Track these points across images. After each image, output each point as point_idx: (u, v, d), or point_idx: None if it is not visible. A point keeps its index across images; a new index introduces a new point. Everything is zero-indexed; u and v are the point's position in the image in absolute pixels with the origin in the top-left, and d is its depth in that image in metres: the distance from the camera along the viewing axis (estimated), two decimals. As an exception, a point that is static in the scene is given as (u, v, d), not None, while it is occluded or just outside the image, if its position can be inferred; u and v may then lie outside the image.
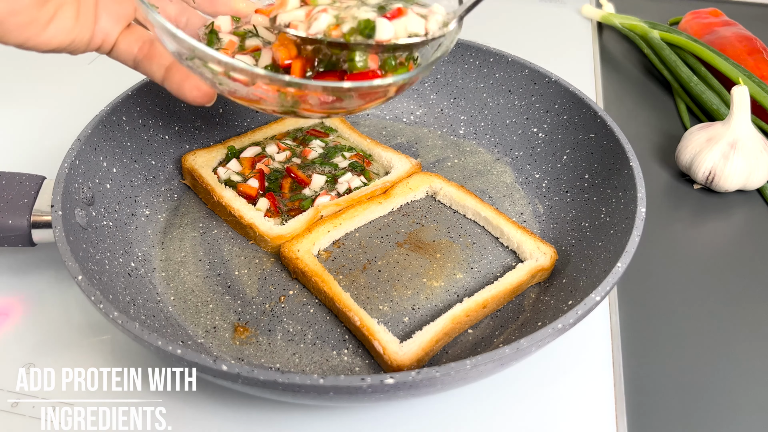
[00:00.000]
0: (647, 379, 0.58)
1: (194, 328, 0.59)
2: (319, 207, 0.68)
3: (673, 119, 0.92)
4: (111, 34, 0.54)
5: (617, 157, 0.66)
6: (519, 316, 0.61)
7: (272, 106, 0.50)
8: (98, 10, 0.53)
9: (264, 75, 0.47)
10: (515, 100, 0.78)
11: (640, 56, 1.05)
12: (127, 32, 0.55)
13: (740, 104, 0.75)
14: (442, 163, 0.78)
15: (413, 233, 0.69)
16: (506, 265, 0.65)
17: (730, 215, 0.77)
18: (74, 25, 0.51)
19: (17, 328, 0.61)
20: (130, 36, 0.55)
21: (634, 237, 0.56)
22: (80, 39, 0.52)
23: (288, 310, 0.61)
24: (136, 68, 0.56)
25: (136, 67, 0.56)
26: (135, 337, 0.48)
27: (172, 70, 0.55)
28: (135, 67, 0.56)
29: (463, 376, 0.47)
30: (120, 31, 0.54)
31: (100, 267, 0.57)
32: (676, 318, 0.64)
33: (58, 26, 0.50)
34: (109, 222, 0.64)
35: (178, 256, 0.66)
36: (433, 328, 0.57)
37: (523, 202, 0.73)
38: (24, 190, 0.61)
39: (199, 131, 0.78)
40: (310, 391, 0.45)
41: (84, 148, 0.64)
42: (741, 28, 0.98)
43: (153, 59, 0.55)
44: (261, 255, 0.67)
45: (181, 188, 0.74)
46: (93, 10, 0.52)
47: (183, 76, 0.55)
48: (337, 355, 0.58)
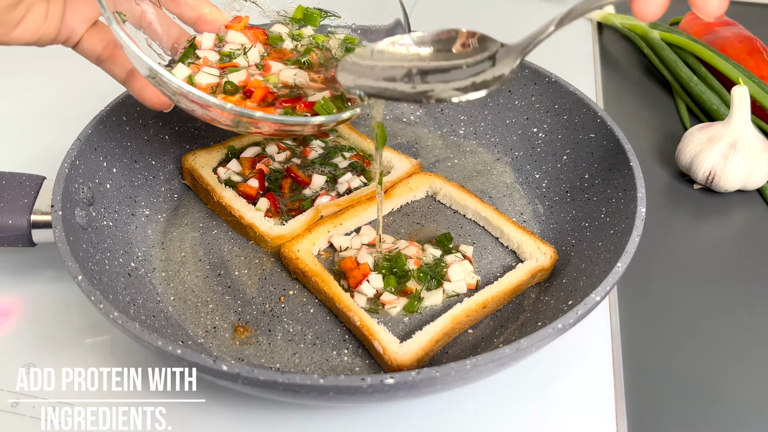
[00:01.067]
0: (647, 379, 0.58)
1: (194, 328, 0.59)
2: (319, 207, 0.68)
3: (673, 119, 0.92)
4: (77, 31, 0.55)
5: (617, 157, 0.66)
6: (519, 316, 0.61)
7: (225, 125, 0.53)
8: (66, 8, 0.54)
9: (216, 104, 0.49)
10: (515, 100, 0.78)
11: (640, 56, 1.05)
12: (92, 31, 0.56)
13: (740, 104, 0.75)
14: (442, 163, 0.78)
15: (413, 233, 0.69)
16: (506, 265, 0.65)
17: (730, 215, 0.77)
18: (42, 23, 0.53)
19: (17, 328, 0.61)
20: (95, 35, 0.56)
21: (634, 237, 0.56)
22: (47, 35, 0.54)
23: (288, 310, 0.61)
24: (99, 66, 0.58)
25: (99, 65, 0.58)
26: (135, 337, 0.48)
27: (135, 74, 0.57)
28: (98, 64, 0.58)
29: (463, 376, 0.47)
30: (85, 29, 0.56)
31: (100, 267, 0.57)
32: (676, 318, 0.64)
33: (27, 26, 0.52)
34: (109, 222, 0.64)
35: (178, 256, 0.66)
36: (433, 328, 0.57)
37: (523, 202, 0.73)
38: (24, 190, 0.61)
39: (199, 131, 0.78)
40: (310, 391, 0.45)
41: (84, 148, 0.64)
42: (741, 28, 0.98)
43: (116, 60, 0.57)
44: (261, 255, 0.67)
45: (181, 188, 0.74)
46: (61, 9, 0.54)
47: (144, 82, 0.57)
48: (337, 355, 0.58)
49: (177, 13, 0.61)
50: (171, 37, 0.60)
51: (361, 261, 0.63)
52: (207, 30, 0.62)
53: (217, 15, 0.61)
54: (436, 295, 0.60)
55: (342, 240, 0.66)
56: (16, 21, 0.51)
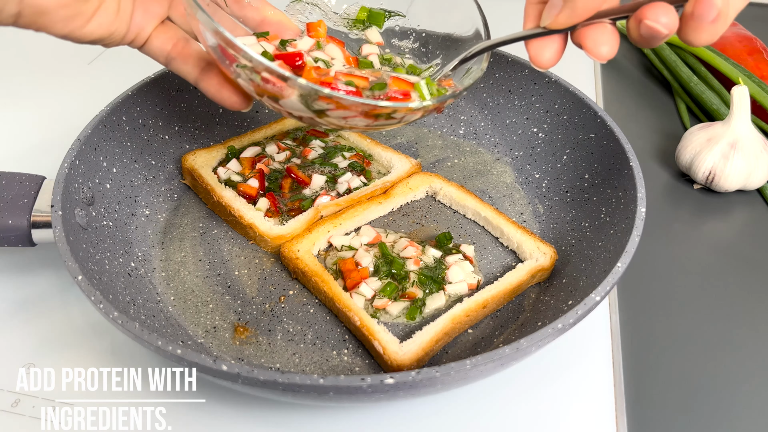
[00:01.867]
0: (647, 379, 0.58)
1: (194, 328, 0.59)
2: (319, 207, 0.68)
3: (673, 119, 0.92)
4: (145, 29, 0.55)
5: (617, 157, 0.66)
6: (519, 316, 0.61)
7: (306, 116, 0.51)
8: (135, 5, 0.54)
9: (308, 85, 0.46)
10: (515, 100, 0.78)
11: (640, 56, 1.05)
12: (161, 29, 0.56)
13: (740, 104, 0.75)
14: (442, 163, 0.78)
15: (413, 233, 0.69)
16: (506, 265, 0.65)
17: (730, 215, 0.77)
18: (114, 19, 0.52)
19: (17, 328, 0.61)
20: (164, 33, 0.56)
21: (634, 237, 0.56)
22: (117, 32, 0.53)
23: (288, 310, 0.61)
24: (168, 65, 0.57)
25: (168, 65, 0.57)
26: (135, 337, 0.48)
27: (209, 72, 0.55)
28: (167, 64, 0.57)
29: (463, 376, 0.47)
30: (154, 26, 0.55)
31: (100, 267, 0.57)
32: (676, 318, 0.64)
33: (99, 20, 0.51)
34: (109, 222, 0.64)
35: (178, 256, 0.66)
36: (433, 328, 0.57)
37: (523, 202, 0.73)
38: (24, 190, 0.61)
39: (199, 131, 0.78)
40: (310, 391, 0.45)
41: (84, 148, 0.64)
42: (741, 28, 0.98)
43: (188, 59, 0.56)
44: (261, 255, 0.67)
45: (181, 188, 0.74)
46: (131, 5, 0.53)
47: (221, 80, 0.55)
48: (337, 355, 0.58)
49: (241, 15, 0.59)
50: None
51: (359, 261, 0.63)
52: (271, 33, 0.59)
53: (281, 17, 0.60)
54: (438, 299, 0.60)
55: (342, 240, 0.66)
56: (89, 14, 0.50)
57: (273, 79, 0.48)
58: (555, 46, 0.48)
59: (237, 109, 0.56)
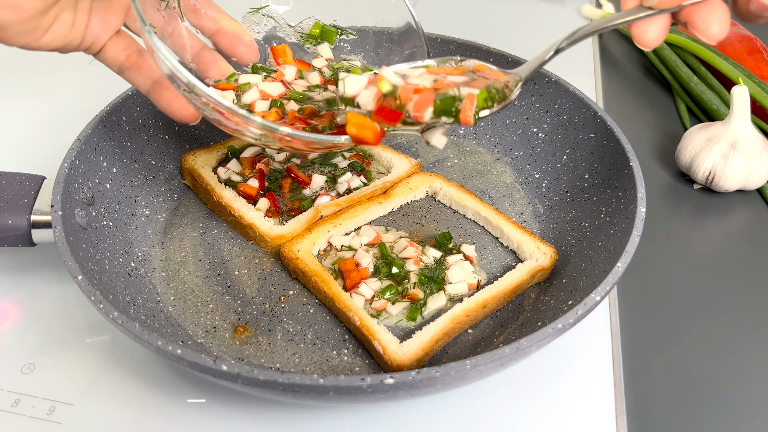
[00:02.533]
0: (647, 379, 0.58)
1: (194, 328, 0.59)
2: (319, 207, 0.68)
3: (673, 119, 0.92)
4: (100, 38, 0.56)
5: (617, 157, 0.66)
6: (519, 316, 0.61)
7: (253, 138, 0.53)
8: (91, 16, 0.55)
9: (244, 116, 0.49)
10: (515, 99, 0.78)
11: (640, 56, 1.05)
12: (115, 39, 0.57)
13: (740, 104, 0.75)
14: (442, 163, 0.78)
15: (413, 233, 0.69)
16: (506, 265, 0.65)
17: (730, 215, 0.77)
18: (69, 31, 0.54)
19: (17, 328, 0.61)
20: (118, 44, 0.57)
21: (634, 237, 0.56)
22: (73, 42, 0.55)
23: (288, 310, 0.61)
24: (121, 75, 0.58)
25: (121, 74, 0.58)
26: (135, 337, 0.48)
27: (161, 85, 0.57)
28: (120, 73, 0.58)
29: (463, 376, 0.47)
30: (109, 36, 0.56)
31: (100, 267, 0.57)
32: (676, 318, 0.64)
33: (55, 32, 0.53)
34: (109, 222, 0.64)
35: (178, 256, 0.66)
36: (433, 328, 0.57)
37: (523, 202, 0.73)
38: (24, 190, 0.61)
39: (199, 131, 0.78)
40: (310, 391, 0.45)
41: (84, 148, 0.64)
42: (741, 28, 0.98)
43: (141, 70, 0.57)
44: (261, 255, 0.67)
45: (181, 188, 0.74)
46: (87, 17, 0.55)
47: (173, 93, 0.56)
48: (337, 355, 0.58)
49: (197, 24, 0.61)
50: (193, 48, 0.60)
51: (359, 261, 0.63)
52: (226, 42, 0.61)
53: (236, 27, 0.62)
54: (438, 299, 0.60)
55: (342, 240, 0.66)
56: (45, 27, 0.52)
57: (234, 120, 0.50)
58: (661, 23, 0.46)
59: (187, 122, 0.58)
